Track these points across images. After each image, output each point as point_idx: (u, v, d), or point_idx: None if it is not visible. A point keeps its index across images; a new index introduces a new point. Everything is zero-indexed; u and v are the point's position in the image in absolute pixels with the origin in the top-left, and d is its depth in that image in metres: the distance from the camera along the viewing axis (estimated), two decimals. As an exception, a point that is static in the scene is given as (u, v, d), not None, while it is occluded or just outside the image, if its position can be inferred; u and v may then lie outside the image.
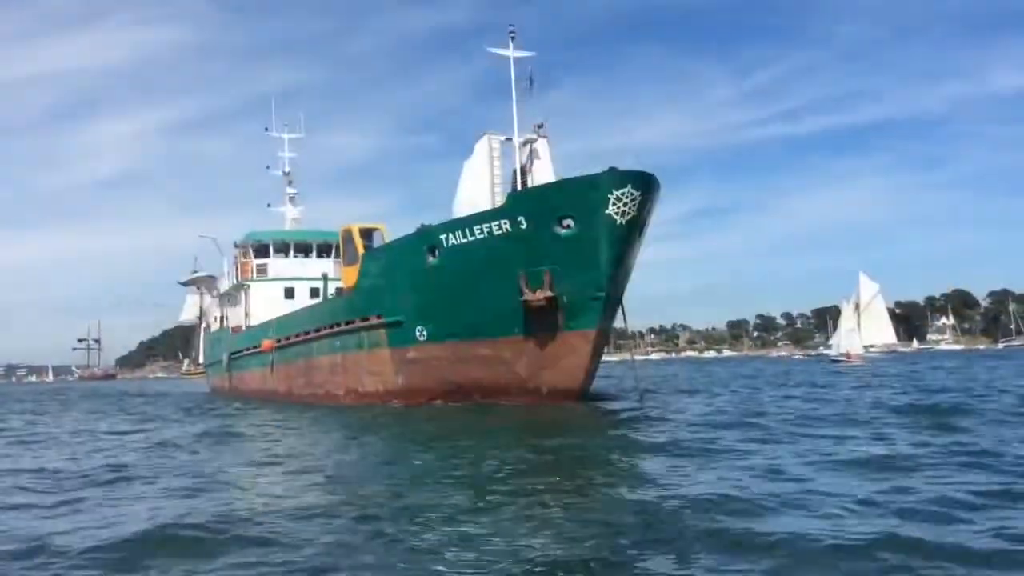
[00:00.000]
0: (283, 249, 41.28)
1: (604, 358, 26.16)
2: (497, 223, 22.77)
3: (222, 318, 47.42)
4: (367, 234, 30.24)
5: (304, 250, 41.18)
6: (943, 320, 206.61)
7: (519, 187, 25.23)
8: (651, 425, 16.67)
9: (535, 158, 26.19)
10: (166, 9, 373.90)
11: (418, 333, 25.32)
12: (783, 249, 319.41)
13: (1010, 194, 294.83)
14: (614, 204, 21.38)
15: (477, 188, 25.75)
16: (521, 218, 22.32)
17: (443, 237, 23.96)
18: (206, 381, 55.30)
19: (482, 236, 23.06)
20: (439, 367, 25.01)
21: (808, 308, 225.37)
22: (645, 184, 21.69)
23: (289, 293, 39.91)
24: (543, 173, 25.95)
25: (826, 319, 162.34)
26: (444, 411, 22.89)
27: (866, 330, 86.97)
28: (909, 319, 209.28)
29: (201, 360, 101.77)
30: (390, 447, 15.32)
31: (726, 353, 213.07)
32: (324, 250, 40.81)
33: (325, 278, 35.69)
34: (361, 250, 28.94)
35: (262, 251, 41.31)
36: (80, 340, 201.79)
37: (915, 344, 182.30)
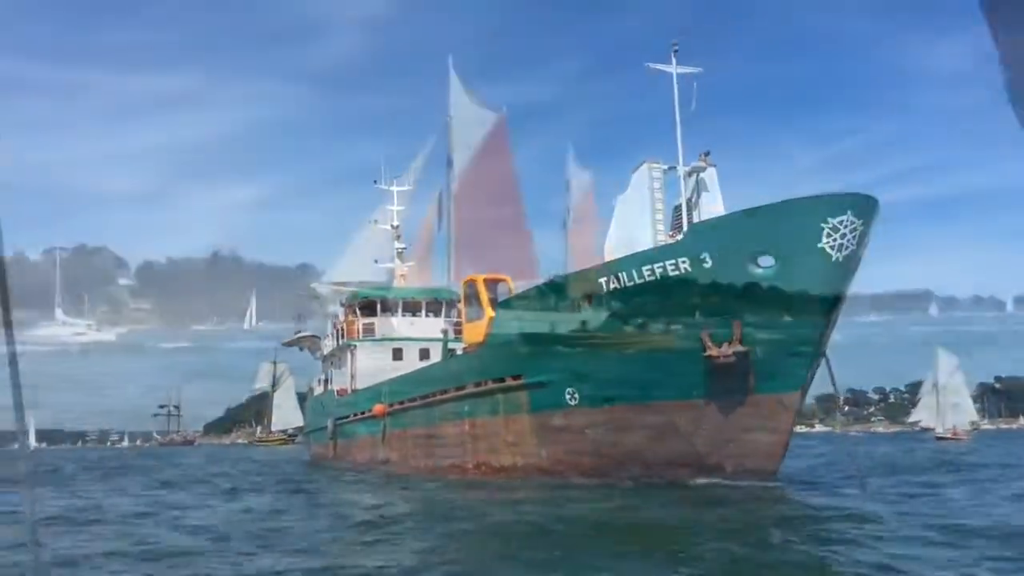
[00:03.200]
0: (391, 308, 38.26)
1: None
2: (673, 262, 18.87)
3: (325, 380, 44.43)
4: (492, 286, 26.80)
5: (413, 309, 38.11)
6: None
7: (684, 225, 21.40)
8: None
9: (703, 190, 22.32)
10: (255, 88, 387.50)
11: (568, 396, 21.38)
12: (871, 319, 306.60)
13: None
14: (829, 236, 17.32)
15: (636, 225, 21.96)
16: (705, 255, 18.40)
17: (602, 281, 20.18)
18: (307, 448, 52.49)
19: (653, 279, 19.18)
20: (593, 437, 20.99)
21: (901, 383, 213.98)
22: (868, 210, 17.56)
23: (397, 354, 36.80)
24: (712, 207, 22.05)
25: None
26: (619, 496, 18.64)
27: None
28: (1011, 395, 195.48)
29: (274, 427, 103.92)
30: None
31: (818, 428, 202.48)
32: (433, 309, 37.76)
33: (446, 335, 32.27)
34: (487, 303, 25.47)
35: (368, 309, 38.42)
36: (161, 406, 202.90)
37: (1021, 420, 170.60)
